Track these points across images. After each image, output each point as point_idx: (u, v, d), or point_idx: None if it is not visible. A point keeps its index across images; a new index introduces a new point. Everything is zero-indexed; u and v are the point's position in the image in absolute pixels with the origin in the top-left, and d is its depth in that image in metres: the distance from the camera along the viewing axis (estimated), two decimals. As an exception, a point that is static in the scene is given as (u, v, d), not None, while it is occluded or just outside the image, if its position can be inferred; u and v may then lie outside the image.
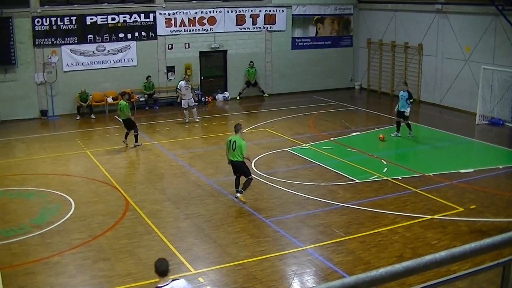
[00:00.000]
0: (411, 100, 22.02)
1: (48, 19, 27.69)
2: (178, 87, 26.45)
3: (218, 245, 13.20)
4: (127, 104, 22.03)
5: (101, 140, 23.09)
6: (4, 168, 19.87)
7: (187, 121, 25.76)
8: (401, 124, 22.44)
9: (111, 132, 24.57)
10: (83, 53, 28.54)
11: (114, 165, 19.73)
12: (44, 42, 27.86)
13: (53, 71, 28.02)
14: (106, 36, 28.78)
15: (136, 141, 21.86)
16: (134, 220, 14.69)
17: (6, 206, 16.15)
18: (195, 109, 26.05)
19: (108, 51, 28.81)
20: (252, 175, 16.10)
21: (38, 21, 27.58)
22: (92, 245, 13.28)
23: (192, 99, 26.03)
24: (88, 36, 28.56)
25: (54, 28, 27.85)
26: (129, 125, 21.70)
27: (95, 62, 28.76)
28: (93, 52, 28.67)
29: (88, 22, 28.42)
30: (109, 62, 28.95)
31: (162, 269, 8.32)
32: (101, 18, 28.57)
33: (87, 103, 27.91)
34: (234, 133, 15.79)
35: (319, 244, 13.12)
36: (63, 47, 28.19)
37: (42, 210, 15.72)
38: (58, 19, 27.87)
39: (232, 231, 13.95)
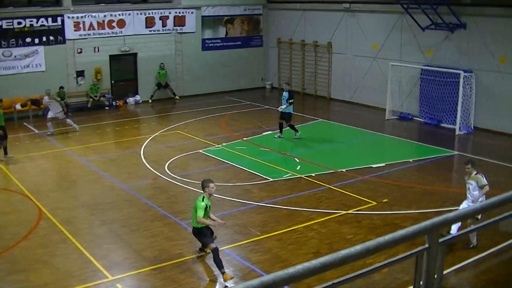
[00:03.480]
0: (291, 101, 22.25)
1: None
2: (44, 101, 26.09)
3: (134, 250, 13.20)
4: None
5: (10, 148, 22.50)
6: None
7: (49, 133, 24.68)
8: (284, 125, 22.67)
9: (21, 140, 23.98)
10: (-12, 58, 27.72)
11: (26, 173, 19.29)
12: None
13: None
14: (13, 41, 28.01)
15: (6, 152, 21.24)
16: (48, 228, 14.46)
17: None
18: (68, 120, 25.11)
19: (15, 56, 28.07)
20: (211, 244, 11.83)
21: None
22: (6, 257, 12.98)
23: (62, 112, 24.97)
24: (-6, 41, 27.77)
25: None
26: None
27: (2, 68, 27.94)
28: (0, 57, 27.85)
29: (-7, 27, 27.63)
30: (16, 67, 28.19)
31: None
32: (6, 22, 27.77)
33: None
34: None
35: (236, 244, 13.32)
36: (-33, 52, 27.32)
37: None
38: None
39: (148, 235, 13.97)
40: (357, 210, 15.23)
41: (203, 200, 11.67)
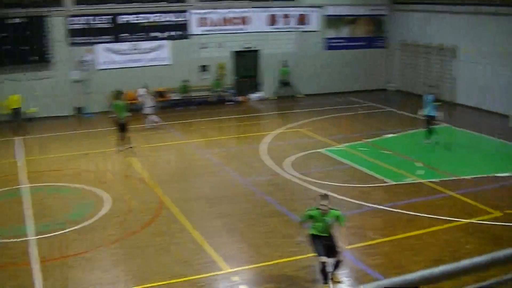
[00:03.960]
0: (436, 103, 21.25)
1: (82, 18, 28.06)
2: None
3: (251, 244, 13.22)
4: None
5: (138, 137, 23.28)
6: (41, 164, 20.20)
7: (159, 123, 25.29)
8: (431, 128, 21.65)
9: (146, 130, 24.76)
10: (117, 51, 28.85)
11: (150, 163, 19.91)
12: (80, 41, 28.23)
13: (88, 69, 28.36)
14: (140, 35, 29.04)
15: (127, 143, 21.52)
16: (168, 217, 14.79)
17: (43, 202, 16.41)
18: (151, 118, 25.37)
19: (142, 50, 29.07)
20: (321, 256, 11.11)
21: (73, 20, 27.95)
22: (126, 242, 13.40)
23: (152, 108, 25.40)
24: (122, 35, 28.87)
25: (89, 27, 28.22)
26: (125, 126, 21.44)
27: (129, 61, 29.03)
28: (127, 51, 28.95)
29: (121, 21, 28.72)
30: (143, 60, 29.21)
31: None
32: (134, 17, 28.84)
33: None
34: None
35: (351, 246, 13.03)
36: (98, 45, 28.53)
37: (79, 206, 15.93)
38: (93, 18, 28.22)
39: (265, 230, 13.96)
40: (480, 220, 14.52)
41: (312, 210, 11.12)
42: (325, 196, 11.07)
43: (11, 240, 13.66)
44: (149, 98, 25.34)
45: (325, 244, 11.04)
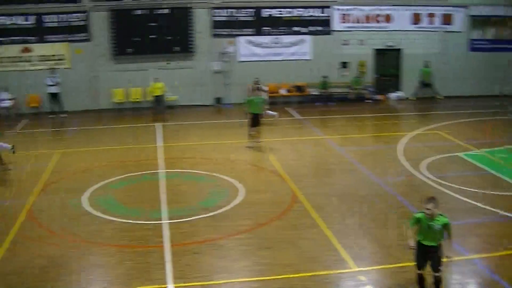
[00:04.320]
0: None
1: (226, 10, 28.52)
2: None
3: (381, 245, 12.76)
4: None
5: (273, 130, 23.32)
6: (179, 151, 20.75)
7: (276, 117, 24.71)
8: None
9: (282, 124, 24.78)
10: (258, 44, 29.10)
11: (284, 156, 19.84)
12: (222, 32, 28.74)
13: (229, 61, 28.80)
14: (282, 29, 29.11)
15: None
16: (299, 212, 14.61)
17: (178, 188, 16.76)
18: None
19: (283, 44, 29.12)
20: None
21: (216, 12, 28.47)
22: (257, 233, 13.34)
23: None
24: (264, 28, 29.07)
25: (231, 19, 28.65)
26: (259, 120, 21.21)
27: (270, 54, 29.20)
28: (268, 44, 29.13)
29: (264, 15, 28.90)
30: (283, 54, 29.28)
31: None
32: (277, 11, 28.94)
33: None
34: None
35: (485, 255, 12.26)
36: (239, 38, 28.92)
37: (211, 193, 16.11)
38: (236, 10, 28.60)
39: (397, 233, 13.42)
40: None
41: (419, 213, 10.20)
42: (431, 199, 10.13)
43: (147, 222, 14.01)
44: (262, 93, 24.19)
45: (428, 255, 10.24)
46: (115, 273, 11.53)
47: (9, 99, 28.39)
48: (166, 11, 28.34)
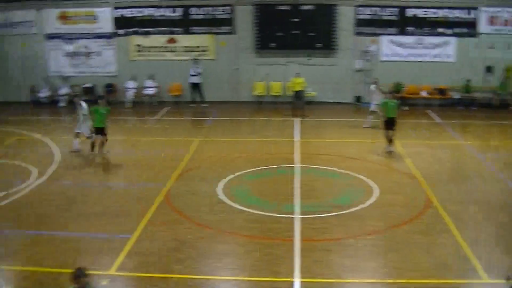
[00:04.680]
0: None
1: (370, 8, 28.34)
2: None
3: (518, 258, 12.33)
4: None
5: (411, 132, 23.02)
6: (315, 147, 21.03)
7: (366, 125, 23.84)
8: None
9: (421, 127, 24.38)
10: (401, 44, 28.72)
11: (421, 159, 19.50)
12: (365, 31, 28.62)
13: (371, 59, 28.62)
14: (426, 30, 28.53)
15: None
16: (432, 217, 14.33)
17: (313, 183, 16.97)
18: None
19: (427, 45, 28.55)
20: None
21: (361, 10, 28.38)
22: (387, 234, 13.27)
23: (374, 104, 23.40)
24: (408, 28, 28.62)
25: (375, 18, 28.45)
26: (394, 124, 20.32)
27: (413, 55, 28.73)
28: (412, 44, 28.67)
29: (408, 14, 28.45)
30: (426, 56, 28.71)
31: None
32: (422, 11, 28.39)
33: (400, 94, 28.10)
34: None
35: None
36: (382, 37, 28.68)
37: (345, 192, 16.19)
38: (380, 9, 28.35)
39: (537, 247, 12.92)
40: None
41: None
42: None
43: (278, 215, 14.31)
44: (378, 96, 23.43)
45: None
46: (242, 263, 11.93)
47: (153, 87, 29.89)
48: (310, 7, 28.58)
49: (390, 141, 20.13)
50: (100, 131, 19.51)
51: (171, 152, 20.58)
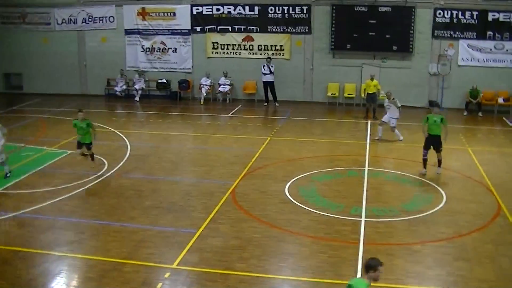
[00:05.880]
0: None
1: (449, 11, 27.86)
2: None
3: None
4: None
5: (485, 139, 22.52)
6: (387, 150, 20.95)
7: (376, 138, 22.66)
8: None
9: (497, 133, 23.83)
10: (480, 49, 28.11)
11: (494, 167, 19.06)
12: (443, 34, 28.17)
13: (448, 64, 28.17)
14: (507, 35, 27.78)
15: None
16: (503, 227, 14.04)
17: (381, 187, 16.90)
18: (396, 131, 22.37)
19: (507, 50, 27.83)
20: None
21: (439, 13, 27.99)
22: (456, 242, 13.08)
23: (395, 120, 22.15)
24: (488, 33, 27.97)
25: (454, 21, 27.96)
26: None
27: (491, 60, 28.07)
28: (491, 49, 28.02)
29: (490, 18, 27.80)
30: (506, 61, 27.98)
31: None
32: (503, 15, 27.66)
33: (477, 100, 27.55)
34: None
35: None
36: (461, 41, 28.19)
37: (414, 197, 16.04)
38: (460, 12, 27.82)
39: None
40: None
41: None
42: None
43: (345, 217, 14.32)
44: (394, 109, 22.26)
45: None
46: (306, 263, 12.00)
47: (227, 85, 30.27)
48: (387, 9, 28.30)
49: (439, 162, 18.13)
50: (83, 146, 18.05)
51: (241, 149, 20.81)
